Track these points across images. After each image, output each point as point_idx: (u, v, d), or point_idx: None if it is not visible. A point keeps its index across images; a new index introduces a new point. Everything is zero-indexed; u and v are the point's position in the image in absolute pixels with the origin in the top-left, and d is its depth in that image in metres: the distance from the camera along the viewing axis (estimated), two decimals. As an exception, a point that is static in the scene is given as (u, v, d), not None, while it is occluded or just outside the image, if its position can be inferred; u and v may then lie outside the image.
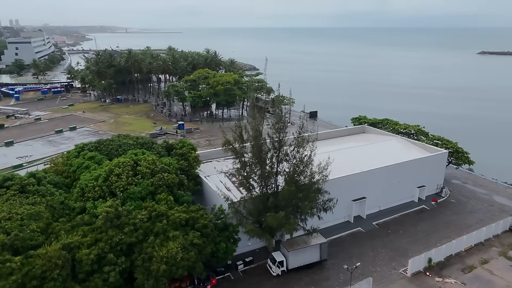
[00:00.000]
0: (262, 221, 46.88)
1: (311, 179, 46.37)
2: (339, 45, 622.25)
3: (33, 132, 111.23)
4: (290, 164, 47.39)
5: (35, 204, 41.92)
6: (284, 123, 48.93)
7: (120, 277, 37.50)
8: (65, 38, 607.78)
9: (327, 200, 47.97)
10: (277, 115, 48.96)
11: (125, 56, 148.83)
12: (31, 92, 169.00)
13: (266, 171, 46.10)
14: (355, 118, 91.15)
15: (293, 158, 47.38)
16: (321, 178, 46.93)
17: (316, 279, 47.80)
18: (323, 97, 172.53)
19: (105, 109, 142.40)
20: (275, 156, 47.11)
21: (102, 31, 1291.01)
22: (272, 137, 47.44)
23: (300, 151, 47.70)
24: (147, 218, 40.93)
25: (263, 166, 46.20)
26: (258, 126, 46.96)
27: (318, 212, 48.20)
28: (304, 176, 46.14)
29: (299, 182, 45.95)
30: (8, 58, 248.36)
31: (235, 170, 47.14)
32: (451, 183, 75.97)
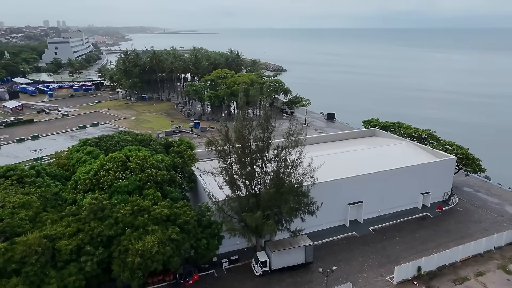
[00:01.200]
0: (245, 220, 47.22)
1: (295, 182, 46.16)
2: (374, 46, 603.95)
3: (59, 127, 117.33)
4: (274, 167, 47.37)
5: (29, 194, 44.62)
6: (269, 122, 48.96)
7: (98, 268, 39.20)
8: (105, 38, 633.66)
9: (310, 203, 47.43)
10: (263, 115, 49.11)
11: (149, 56, 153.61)
12: (64, 89, 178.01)
13: (249, 172, 46.35)
14: (367, 121, 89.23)
15: (278, 160, 47.29)
16: (302, 181, 46.59)
17: (299, 281, 47.52)
18: (348, 100, 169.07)
19: (129, 106, 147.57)
20: (259, 157, 47.21)
21: (142, 31, 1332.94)
22: (258, 138, 47.57)
23: (285, 154, 47.56)
24: (130, 212, 42.41)
25: (246, 167, 46.50)
26: (243, 127, 47.19)
27: (302, 215, 47.87)
28: (288, 179, 45.90)
29: (280, 185, 45.83)
30: (48, 57, 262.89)
31: (219, 170, 47.75)
32: (462, 191, 72.78)
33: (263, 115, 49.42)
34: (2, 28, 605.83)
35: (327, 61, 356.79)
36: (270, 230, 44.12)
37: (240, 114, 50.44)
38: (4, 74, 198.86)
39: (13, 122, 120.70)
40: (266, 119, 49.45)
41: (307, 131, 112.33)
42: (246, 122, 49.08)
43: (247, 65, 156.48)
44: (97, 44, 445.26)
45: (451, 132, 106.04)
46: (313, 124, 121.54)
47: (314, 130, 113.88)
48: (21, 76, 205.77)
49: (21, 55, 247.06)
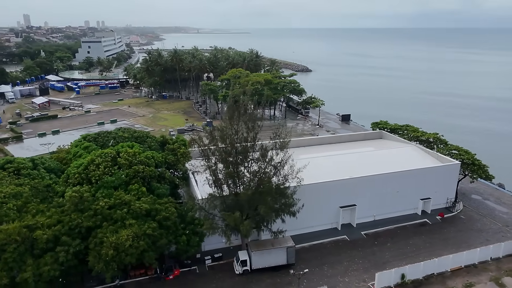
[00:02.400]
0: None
1: (275, 184, 46.02)
2: (412, 47, 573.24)
3: (79, 123, 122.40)
4: (256, 168, 47.35)
5: (22, 185, 47.09)
6: (255, 122, 48.94)
7: (75, 258, 40.77)
8: (139, 38, 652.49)
9: (290, 205, 47.00)
10: (249, 115, 49.17)
11: (170, 55, 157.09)
12: (91, 87, 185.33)
13: (231, 172, 46.59)
14: (375, 123, 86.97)
15: (259, 161, 47.28)
16: (283, 183, 46.36)
17: (278, 282, 47.24)
18: (369, 103, 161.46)
19: (149, 104, 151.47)
20: (243, 157, 47.34)
21: (177, 31, 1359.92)
22: (243, 138, 47.70)
23: (268, 155, 47.48)
24: (109, 205, 43.78)
25: (229, 167, 46.77)
26: (227, 128, 47.48)
27: (282, 216, 47.58)
28: (268, 180, 45.71)
29: (260, 186, 45.75)
30: (81, 56, 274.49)
31: (203, 168, 48.29)
32: (469, 198, 69.60)
33: (248, 115, 49.36)
34: (44, 28, 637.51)
35: (356, 63, 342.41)
36: (246, 229, 44.11)
37: (229, 113, 50.57)
38: (38, 71, 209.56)
39: (38, 117, 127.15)
40: (251, 119, 49.49)
41: (319, 132, 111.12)
42: (232, 122, 49.29)
43: (265, 65, 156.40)
44: (130, 44, 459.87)
45: (472, 140, 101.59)
46: (326, 125, 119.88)
47: (326, 131, 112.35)
48: (54, 73, 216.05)
49: (57, 54, 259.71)
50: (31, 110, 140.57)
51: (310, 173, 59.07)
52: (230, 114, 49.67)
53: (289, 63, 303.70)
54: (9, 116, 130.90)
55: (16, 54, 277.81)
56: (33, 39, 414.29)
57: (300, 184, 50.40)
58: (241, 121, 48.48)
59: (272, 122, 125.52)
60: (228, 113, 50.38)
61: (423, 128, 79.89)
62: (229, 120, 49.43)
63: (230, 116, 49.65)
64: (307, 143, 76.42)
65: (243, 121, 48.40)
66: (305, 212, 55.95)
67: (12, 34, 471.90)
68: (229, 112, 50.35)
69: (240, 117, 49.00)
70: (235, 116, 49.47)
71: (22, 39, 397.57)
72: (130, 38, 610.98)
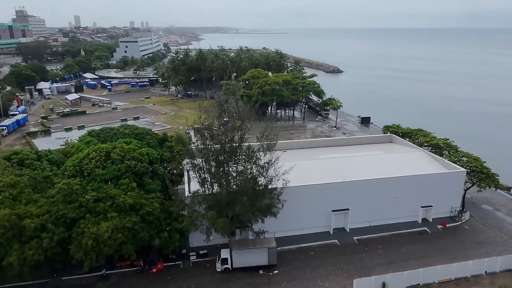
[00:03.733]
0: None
1: (251, 184, 46.23)
2: (455, 49, 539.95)
3: (104, 119, 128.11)
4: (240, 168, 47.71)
5: (21, 176, 50.43)
6: (243, 122, 49.28)
7: (59, 246, 43.15)
8: (178, 38, 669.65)
9: (268, 206, 46.94)
10: (234, 113, 49.56)
11: (196, 55, 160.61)
12: (123, 85, 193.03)
13: (215, 171, 47.27)
14: (387, 126, 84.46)
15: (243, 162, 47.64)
16: (262, 184, 46.47)
17: (257, 282, 47.37)
18: (397, 108, 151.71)
19: (174, 103, 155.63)
20: (227, 157, 47.87)
21: (216, 31, 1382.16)
22: (224, 138, 48.25)
23: (252, 156, 47.76)
24: (96, 199, 45.90)
25: (212, 166, 47.48)
26: (210, 127, 48.22)
27: (262, 216, 47.65)
28: (245, 181, 45.97)
29: (238, 186, 46.12)
30: (119, 55, 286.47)
31: (188, 166, 49.30)
32: (479, 208, 66.08)
33: (237, 115, 49.84)
34: (90, 28, 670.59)
35: (391, 65, 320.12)
36: (220, 227, 44.58)
37: (218, 113, 51.21)
38: (77, 69, 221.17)
39: (68, 113, 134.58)
40: (240, 119, 49.95)
41: (335, 134, 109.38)
42: (220, 120, 50.07)
43: (289, 66, 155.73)
44: (168, 44, 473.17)
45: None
46: (344, 128, 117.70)
47: (343, 134, 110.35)
48: (91, 72, 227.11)
49: (96, 53, 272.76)
50: (64, 105, 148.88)
51: (305, 175, 59.17)
52: (219, 112, 50.42)
53: (320, 64, 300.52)
54: (43, 111, 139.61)
55: (60, 53, 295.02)
56: (78, 38, 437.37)
57: (285, 186, 50.39)
58: (229, 120, 49.11)
59: (289, 123, 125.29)
60: (217, 112, 51.05)
61: (447, 135, 74.61)
62: (217, 118, 50.22)
63: (218, 114, 50.41)
64: (311, 145, 75.53)
65: (230, 119, 48.97)
66: (296, 214, 56.26)
67: (60, 34, 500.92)
68: (218, 110, 51.01)
69: (226, 116, 49.70)
70: (222, 115, 50.24)
71: (68, 39, 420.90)
72: (169, 38, 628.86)
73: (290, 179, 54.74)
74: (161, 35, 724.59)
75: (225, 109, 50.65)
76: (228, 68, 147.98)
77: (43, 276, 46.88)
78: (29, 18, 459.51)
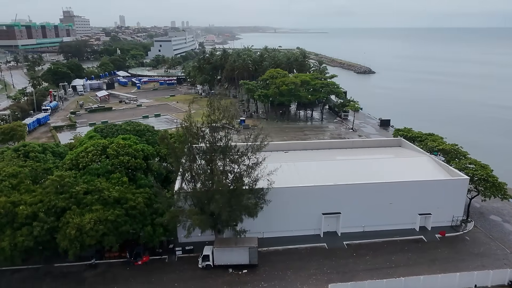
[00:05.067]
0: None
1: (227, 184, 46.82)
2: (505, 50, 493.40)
3: (128, 116, 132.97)
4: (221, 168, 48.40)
5: (24, 167, 53.93)
6: (231, 123, 49.94)
7: (49, 235, 45.80)
8: (215, 37, 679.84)
9: (246, 206, 47.21)
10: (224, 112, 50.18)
11: (220, 54, 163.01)
12: (152, 83, 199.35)
13: (194, 170, 48.26)
14: (397, 130, 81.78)
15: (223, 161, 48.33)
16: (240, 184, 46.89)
17: (236, 281, 47.76)
18: (423, 113, 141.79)
19: (197, 101, 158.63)
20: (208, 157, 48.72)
21: (255, 31, 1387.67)
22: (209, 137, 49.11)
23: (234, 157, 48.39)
24: (85, 191, 48.27)
25: (192, 166, 48.50)
26: (191, 127, 49.21)
27: (241, 215, 48.05)
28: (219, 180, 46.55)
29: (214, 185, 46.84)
30: (153, 54, 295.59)
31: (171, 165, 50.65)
32: (486, 218, 62.66)
33: (223, 114, 50.56)
34: (132, 28, 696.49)
35: (429, 68, 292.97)
36: (196, 224, 45.47)
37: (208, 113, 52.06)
38: (112, 67, 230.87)
39: (95, 109, 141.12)
40: (226, 117, 50.73)
41: (351, 136, 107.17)
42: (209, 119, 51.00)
43: (309, 66, 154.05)
44: (204, 43, 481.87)
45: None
46: (361, 130, 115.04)
47: (358, 136, 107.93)
48: (124, 70, 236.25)
49: (131, 52, 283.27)
50: (93, 102, 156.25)
51: (300, 177, 59.02)
52: (208, 111, 51.32)
53: (352, 64, 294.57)
54: (74, 107, 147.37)
55: (98, 51, 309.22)
56: (119, 38, 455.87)
57: (270, 187, 50.60)
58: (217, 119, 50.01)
59: (307, 124, 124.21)
60: (208, 111, 51.97)
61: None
62: (207, 117, 51.20)
63: (208, 113, 51.33)
64: (315, 147, 74.59)
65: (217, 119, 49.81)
66: (286, 215, 56.16)
67: (102, 34, 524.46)
68: (209, 109, 51.91)
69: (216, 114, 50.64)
70: (211, 114, 51.18)
71: (109, 38, 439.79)
72: (206, 37, 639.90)
73: (285, 181, 55.52)
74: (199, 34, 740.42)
75: (215, 108, 51.29)
76: (249, 68, 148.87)
77: (37, 262, 50.06)
78: (74, 18, 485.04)
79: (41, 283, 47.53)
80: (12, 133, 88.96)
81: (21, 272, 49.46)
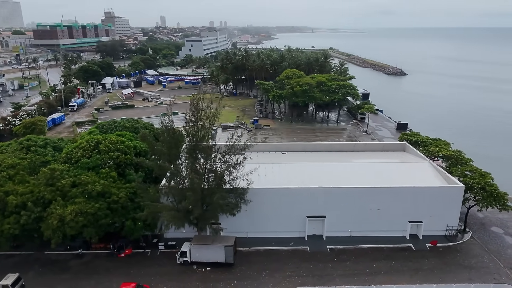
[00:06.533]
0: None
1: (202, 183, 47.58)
2: None
3: (147, 113, 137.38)
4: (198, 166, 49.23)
5: (24, 159, 57.41)
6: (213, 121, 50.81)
7: (35, 223, 48.51)
8: (250, 37, 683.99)
9: (218, 205, 47.61)
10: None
11: (241, 54, 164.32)
12: (178, 82, 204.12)
13: (175, 169, 49.38)
14: (403, 134, 78.96)
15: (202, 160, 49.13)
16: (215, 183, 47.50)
17: (210, 278, 48.42)
18: (450, 121, 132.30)
19: (217, 100, 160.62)
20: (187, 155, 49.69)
21: (292, 31, 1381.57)
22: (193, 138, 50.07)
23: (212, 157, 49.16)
24: (72, 184, 50.70)
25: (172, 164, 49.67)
26: (171, 129, 50.35)
27: (215, 213, 48.60)
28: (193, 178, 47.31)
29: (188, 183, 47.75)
30: (183, 54, 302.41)
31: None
32: (487, 230, 59.42)
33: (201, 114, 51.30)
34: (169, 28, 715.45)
35: (467, 71, 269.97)
36: (167, 219, 46.51)
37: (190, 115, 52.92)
38: (142, 66, 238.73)
39: (119, 106, 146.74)
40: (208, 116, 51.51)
41: (363, 139, 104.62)
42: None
43: (330, 67, 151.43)
44: (237, 43, 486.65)
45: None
46: (375, 133, 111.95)
47: (371, 139, 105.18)
48: (154, 69, 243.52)
49: (163, 51, 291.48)
50: (119, 99, 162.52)
51: (289, 178, 58.72)
52: (192, 111, 52.33)
53: (384, 65, 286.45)
54: (99, 103, 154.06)
55: (133, 51, 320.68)
56: (155, 38, 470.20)
57: (249, 187, 50.86)
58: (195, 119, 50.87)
59: (322, 126, 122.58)
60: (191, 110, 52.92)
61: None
62: (189, 117, 52.25)
63: (190, 113, 52.39)
64: (313, 148, 73.61)
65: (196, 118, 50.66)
66: (270, 216, 56.07)
67: (140, 34, 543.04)
68: (192, 108, 52.84)
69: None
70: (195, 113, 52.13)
71: (146, 38, 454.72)
72: (241, 37, 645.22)
73: (273, 181, 56.00)
74: (235, 34, 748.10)
75: (198, 109, 52.20)
76: (267, 68, 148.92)
77: (29, 249, 53.25)
78: (115, 19, 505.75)
79: (30, 268, 50.42)
80: (33, 127, 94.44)
81: (14, 257, 52.83)
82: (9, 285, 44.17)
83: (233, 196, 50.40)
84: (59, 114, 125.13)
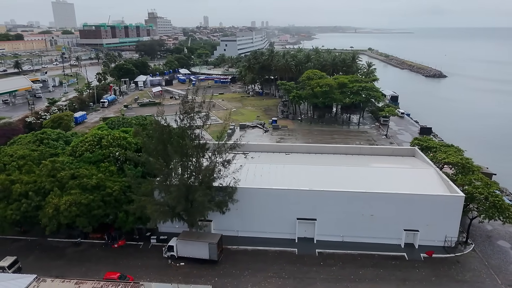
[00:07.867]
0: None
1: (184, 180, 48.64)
2: None
3: (172, 111, 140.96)
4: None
5: (34, 151, 61.49)
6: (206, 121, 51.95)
7: (35, 210, 51.85)
8: (289, 37, 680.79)
9: (199, 202, 48.34)
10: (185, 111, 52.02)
11: (268, 54, 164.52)
12: (208, 81, 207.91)
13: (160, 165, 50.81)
14: (415, 139, 75.81)
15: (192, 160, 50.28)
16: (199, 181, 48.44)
17: (192, 273, 49.42)
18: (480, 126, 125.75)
19: (241, 100, 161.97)
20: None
21: (335, 31, 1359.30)
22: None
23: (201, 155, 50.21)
24: (71, 176, 53.69)
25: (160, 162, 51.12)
26: (163, 126, 51.77)
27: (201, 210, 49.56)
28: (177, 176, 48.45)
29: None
30: (218, 53, 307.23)
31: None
32: (493, 243, 55.95)
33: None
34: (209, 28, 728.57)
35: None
36: (150, 213, 47.94)
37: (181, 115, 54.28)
38: (176, 65, 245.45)
39: (146, 103, 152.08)
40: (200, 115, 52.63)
41: (382, 143, 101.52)
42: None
43: (357, 68, 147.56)
44: (274, 43, 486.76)
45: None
46: (396, 137, 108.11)
47: (390, 144, 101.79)
48: (188, 68, 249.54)
49: (198, 51, 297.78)
50: (148, 97, 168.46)
51: (283, 180, 58.66)
52: (183, 109, 53.71)
53: (422, 67, 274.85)
54: (130, 100, 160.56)
55: (170, 50, 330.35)
56: (195, 37, 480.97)
57: (236, 185, 51.45)
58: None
59: (343, 128, 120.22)
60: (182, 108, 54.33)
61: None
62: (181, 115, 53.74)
63: (183, 111, 53.79)
64: (318, 150, 72.47)
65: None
66: (261, 216, 56.36)
67: (181, 34, 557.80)
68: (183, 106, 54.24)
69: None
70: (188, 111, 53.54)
71: (186, 38, 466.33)
72: (280, 37, 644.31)
73: (268, 182, 56.42)
74: (275, 34, 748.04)
75: (191, 107, 53.51)
76: (291, 68, 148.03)
77: (34, 235, 57.03)
78: (157, 19, 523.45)
79: (31, 253, 54.11)
80: (60, 122, 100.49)
81: (20, 242, 56.87)
82: (5, 267, 47.59)
83: (222, 195, 51.11)
84: (82, 113, 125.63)
